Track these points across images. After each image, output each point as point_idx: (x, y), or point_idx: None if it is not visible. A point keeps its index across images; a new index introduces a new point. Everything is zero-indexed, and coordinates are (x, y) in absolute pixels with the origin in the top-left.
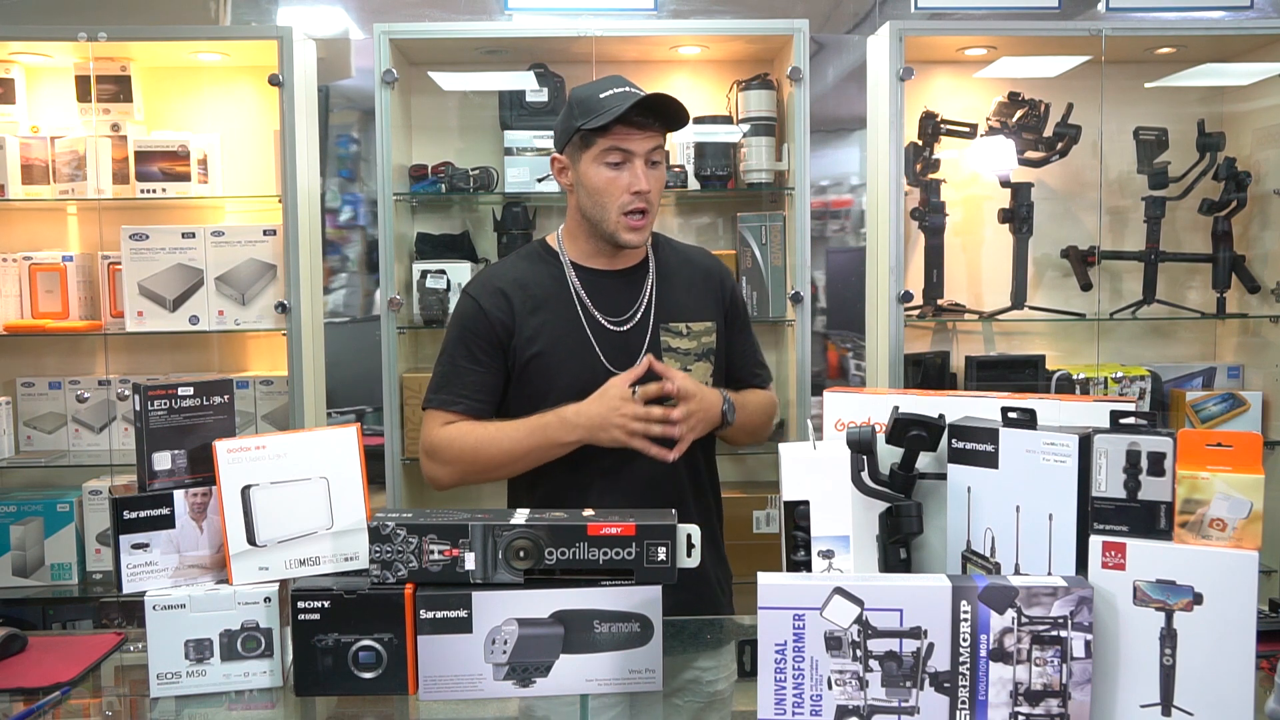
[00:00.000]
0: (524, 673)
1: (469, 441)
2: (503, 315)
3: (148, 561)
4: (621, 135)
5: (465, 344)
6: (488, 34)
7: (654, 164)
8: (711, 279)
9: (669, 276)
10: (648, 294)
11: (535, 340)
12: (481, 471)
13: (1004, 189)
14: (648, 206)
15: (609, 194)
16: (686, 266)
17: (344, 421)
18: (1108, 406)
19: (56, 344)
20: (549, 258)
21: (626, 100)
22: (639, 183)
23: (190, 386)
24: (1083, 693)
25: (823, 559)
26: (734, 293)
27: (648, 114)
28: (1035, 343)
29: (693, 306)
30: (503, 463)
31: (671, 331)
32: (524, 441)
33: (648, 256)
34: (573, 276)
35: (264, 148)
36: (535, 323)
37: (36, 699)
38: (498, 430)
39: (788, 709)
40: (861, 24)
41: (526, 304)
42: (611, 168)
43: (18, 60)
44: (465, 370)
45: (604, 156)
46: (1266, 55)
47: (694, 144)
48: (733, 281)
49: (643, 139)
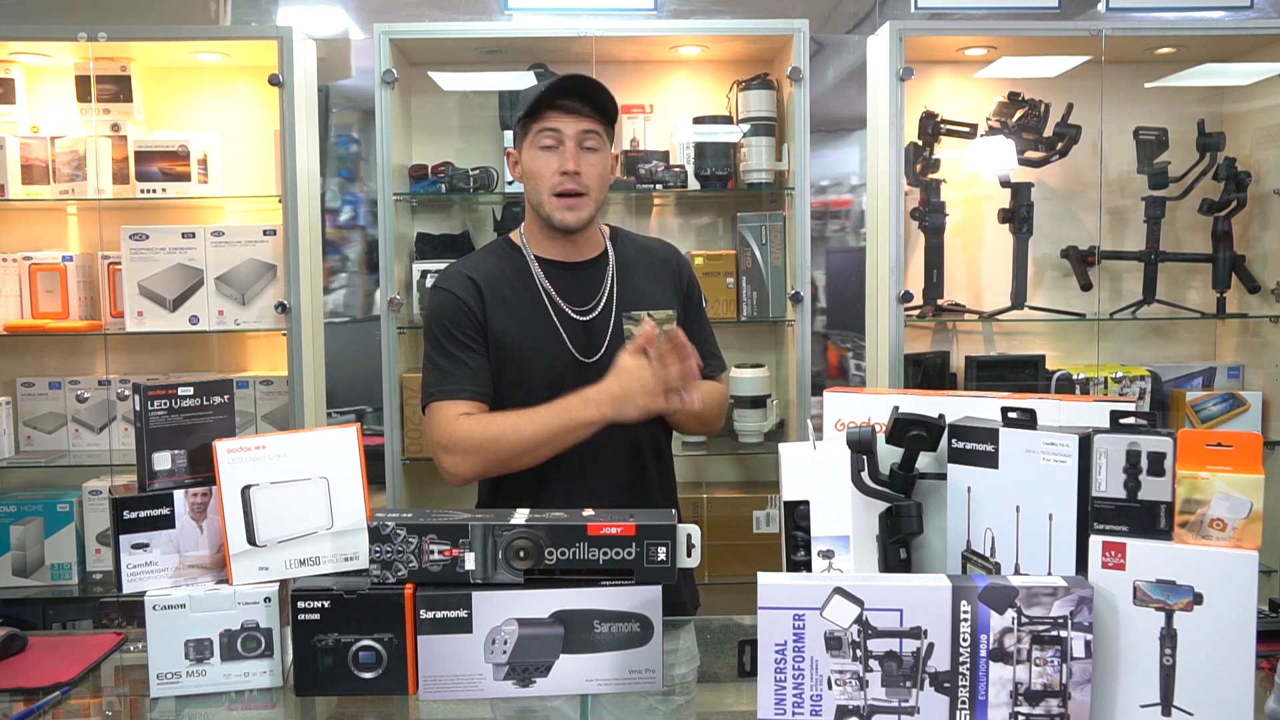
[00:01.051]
0: (524, 673)
1: (491, 430)
2: (475, 303)
3: (148, 561)
4: (551, 119)
5: (451, 333)
6: (488, 34)
7: (589, 149)
8: (669, 267)
9: (628, 266)
10: (609, 284)
11: (506, 330)
12: (505, 461)
13: (1004, 189)
14: (579, 189)
15: (540, 176)
16: (644, 256)
17: (344, 421)
18: (1108, 406)
19: (56, 344)
20: (513, 252)
21: (556, 84)
22: (566, 163)
23: (190, 386)
24: (1083, 693)
25: (823, 559)
26: (691, 281)
27: (574, 98)
28: (1035, 343)
29: (653, 295)
30: (527, 449)
31: (633, 319)
32: (549, 425)
33: (606, 249)
34: (537, 269)
35: (264, 148)
36: (504, 313)
37: (36, 699)
38: (519, 417)
39: (788, 709)
40: (861, 24)
41: (495, 295)
42: (545, 151)
43: (18, 60)
44: (460, 358)
45: (537, 141)
46: (1266, 55)
47: (694, 144)
48: (690, 271)
49: (572, 121)
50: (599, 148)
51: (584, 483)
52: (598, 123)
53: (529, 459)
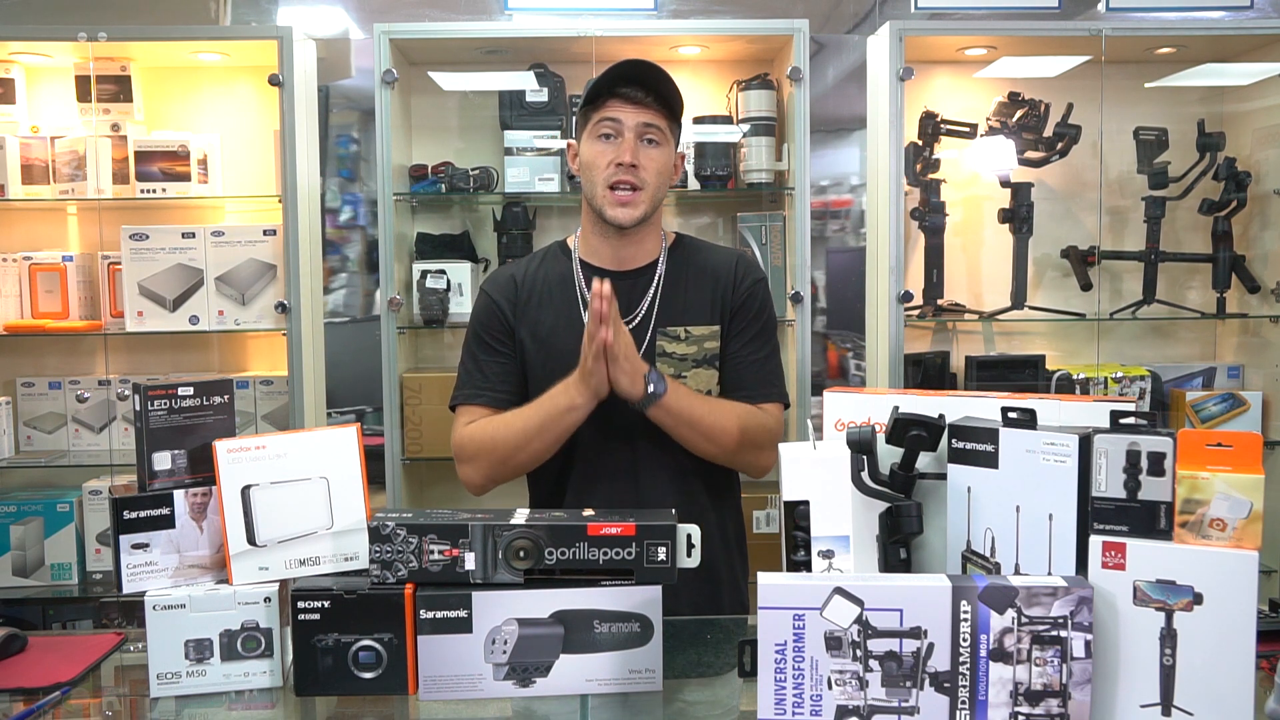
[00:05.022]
0: (524, 673)
1: (487, 432)
2: (508, 303)
3: (148, 561)
4: (611, 108)
5: (480, 337)
6: (488, 34)
7: (651, 142)
8: (721, 280)
9: (678, 278)
10: (652, 296)
11: (537, 333)
12: (503, 461)
13: (1004, 189)
14: (636, 182)
15: (596, 167)
16: (700, 269)
17: (344, 421)
18: (1108, 406)
19: (56, 344)
20: (563, 257)
21: (617, 68)
22: (623, 155)
23: (190, 386)
24: (1083, 693)
25: (823, 559)
26: (750, 296)
27: (636, 86)
28: (1035, 343)
29: (696, 309)
30: (520, 445)
31: (668, 335)
32: (534, 416)
33: (659, 258)
34: (580, 276)
35: (264, 148)
36: (539, 316)
37: (36, 699)
38: (511, 415)
39: (788, 709)
40: (861, 24)
41: (534, 296)
42: (603, 140)
43: (18, 60)
44: (483, 362)
45: (596, 130)
46: (1266, 55)
47: (694, 144)
48: (754, 285)
49: (633, 112)
50: (661, 142)
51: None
52: (661, 116)
53: (526, 454)
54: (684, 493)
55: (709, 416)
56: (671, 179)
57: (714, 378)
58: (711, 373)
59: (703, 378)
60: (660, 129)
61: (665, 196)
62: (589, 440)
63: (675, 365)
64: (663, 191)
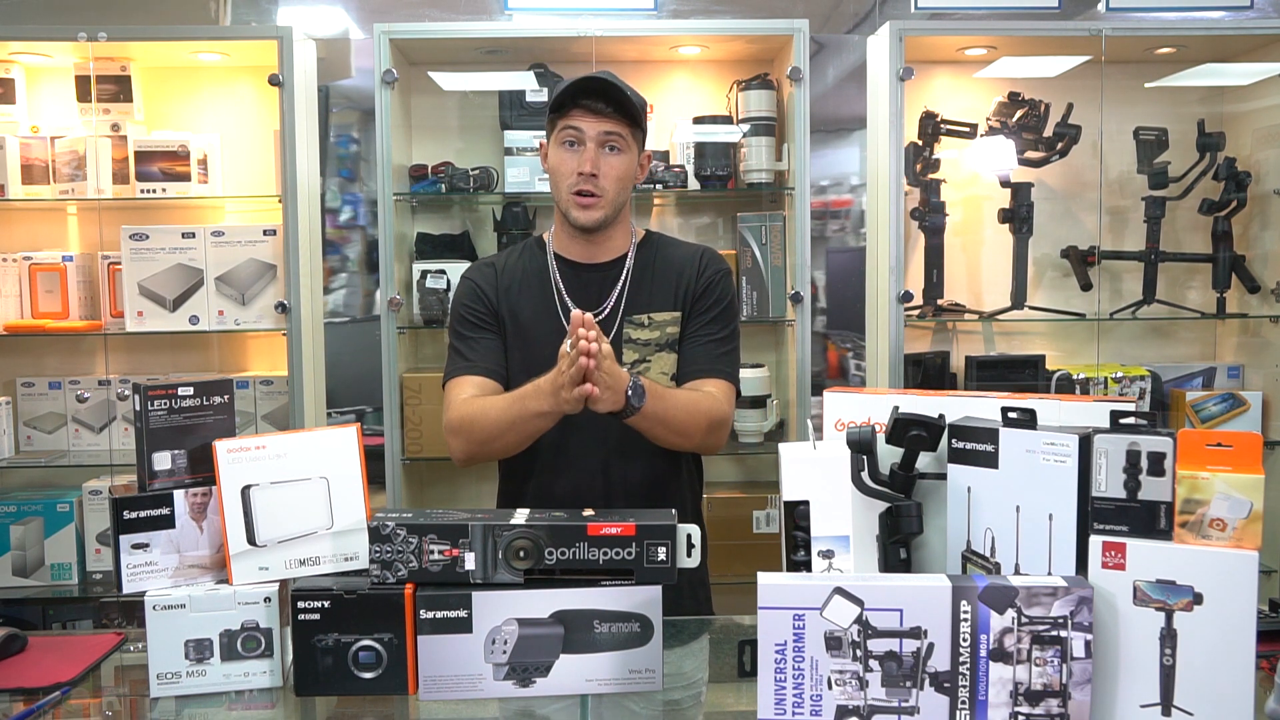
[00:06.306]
0: (524, 673)
1: (467, 412)
2: (490, 287)
3: (148, 561)
4: (574, 117)
5: (465, 317)
6: (488, 34)
7: (612, 149)
8: (686, 271)
9: (645, 272)
10: (620, 287)
11: (516, 319)
12: (480, 444)
13: (1004, 189)
14: (595, 190)
15: (560, 174)
16: (667, 262)
17: (344, 421)
18: (1108, 406)
19: (56, 344)
20: (539, 251)
21: (577, 83)
22: (584, 165)
23: (190, 386)
24: (1083, 693)
25: (823, 559)
26: (710, 284)
27: (596, 98)
28: (1035, 343)
29: (660, 299)
30: (494, 434)
31: (634, 323)
32: (507, 411)
33: (628, 252)
34: (554, 267)
35: (264, 148)
36: (518, 302)
37: (36, 699)
38: (491, 403)
39: (788, 709)
40: (861, 24)
41: (514, 284)
42: (567, 148)
43: (18, 60)
44: (470, 340)
45: (560, 137)
46: (1266, 55)
47: (694, 144)
48: (714, 275)
49: (594, 122)
50: (622, 149)
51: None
52: (622, 124)
53: (501, 445)
54: (652, 479)
55: (680, 415)
56: (636, 179)
57: (675, 361)
58: (673, 356)
59: (665, 361)
60: (622, 136)
61: (628, 198)
62: (558, 428)
63: (639, 350)
64: (624, 195)
